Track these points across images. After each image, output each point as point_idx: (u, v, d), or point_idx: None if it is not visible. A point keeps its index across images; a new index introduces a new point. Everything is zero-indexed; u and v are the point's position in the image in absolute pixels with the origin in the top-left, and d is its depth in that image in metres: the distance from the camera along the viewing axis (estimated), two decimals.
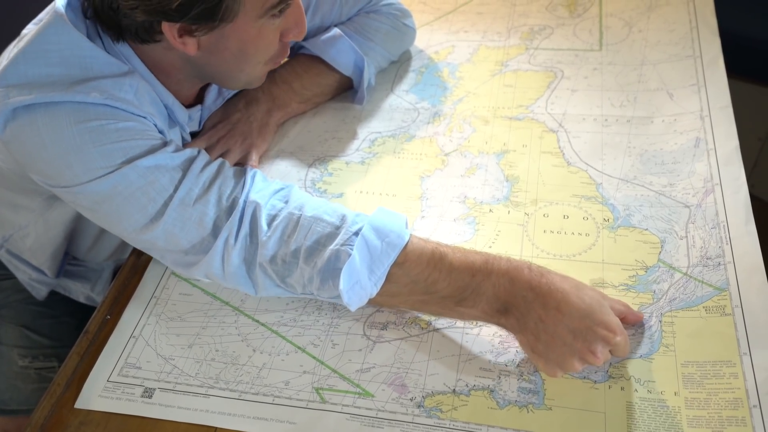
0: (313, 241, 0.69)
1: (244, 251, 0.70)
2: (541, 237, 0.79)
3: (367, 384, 0.67)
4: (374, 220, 0.70)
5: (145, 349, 0.73)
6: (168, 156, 0.71)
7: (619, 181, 0.85)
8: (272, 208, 0.71)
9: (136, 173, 0.69)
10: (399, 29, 1.03)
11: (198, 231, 0.70)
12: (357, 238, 0.67)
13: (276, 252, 0.69)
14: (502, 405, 0.64)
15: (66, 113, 0.68)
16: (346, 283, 0.66)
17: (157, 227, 0.70)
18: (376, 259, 0.67)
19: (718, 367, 0.64)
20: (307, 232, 0.69)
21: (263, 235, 0.69)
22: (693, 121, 0.90)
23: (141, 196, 0.69)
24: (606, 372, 0.66)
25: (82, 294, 0.99)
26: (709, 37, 1.03)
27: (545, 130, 0.93)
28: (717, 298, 0.70)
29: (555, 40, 1.09)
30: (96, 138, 0.68)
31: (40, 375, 0.98)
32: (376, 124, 0.98)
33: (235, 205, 0.71)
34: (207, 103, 0.88)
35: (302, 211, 0.71)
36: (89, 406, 0.68)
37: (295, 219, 0.70)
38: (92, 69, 0.70)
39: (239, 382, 0.69)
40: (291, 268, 0.69)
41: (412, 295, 0.68)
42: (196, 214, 0.70)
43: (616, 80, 1.00)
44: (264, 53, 0.76)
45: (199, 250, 0.71)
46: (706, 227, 0.77)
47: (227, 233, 0.70)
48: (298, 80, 0.97)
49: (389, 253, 0.67)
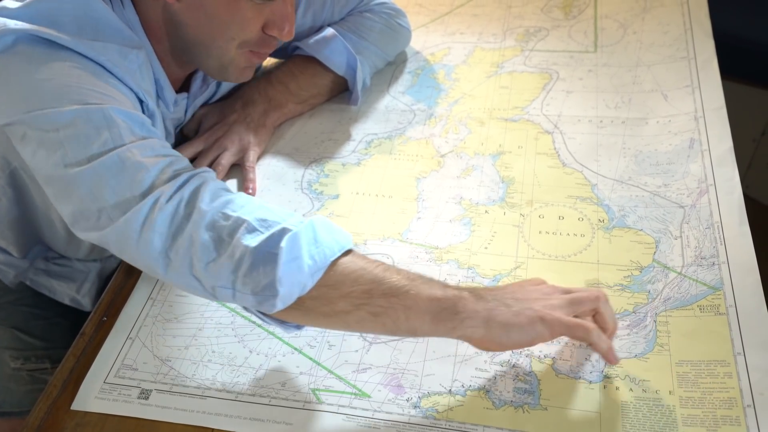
0: (257, 218, 0.63)
1: (172, 218, 0.63)
2: (537, 238, 0.80)
3: (364, 385, 0.67)
4: (325, 219, 0.66)
5: (142, 350, 0.73)
6: (141, 120, 0.68)
7: (614, 181, 0.85)
8: (219, 190, 0.67)
9: (101, 114, 0.65)
10: (393, 28, 1.03)
11: (130, 186, 0.64)
12: (305, 222, 0.64)
13: (213, 222, 0.63)
14: (497, 405, 0.64)
15: (62, 56, 0.66)
16: (286, 255, 0.61)
17: (90, 167, 0.64)
18: (320, 247, 0.62)
19: (712, 367, 0.65)
20: (253, 210, 0.64)
21: (204, 203, 0.64)
22: (687, 122, 0.91)
23: (93, 134, 0.65)
24: (601, 372, 0.66)
25: (67, 296, 0.97)
26: (703, 39, 1.03)
27: (540, 131, 0.94)
28: (711, 297, 0.70)
29: (550, 42, 1.09)
30: (79, 81, 0.66)
31: (33, 377, 0.98)
32: (372, 125, 0.98)
33: (178, 175, 0.66)
34: (193, 90, 0.87)
35: (251, 199, 0.67)
36: (86, 407, 0.68)
37: (243, 199, 0.66)
38: (104, 33, 0.69)
39: (236, 383, 0.69)
40: (222, 246, 0.62)
41: (349, 297, 0.62)
42: (136, 168, 0.64)
43: (611, 82, 1.00)
44: (238, 30, 0.74)
45: (122, 208, 0.64)
46: (701, 227, 0.77)
47: (159, 194, 0.64)
48: (294, 81, 0.97)
49: (333, 248, 0.63)
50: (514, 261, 0.77)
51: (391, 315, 0.61)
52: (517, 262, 0.77)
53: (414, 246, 0.80)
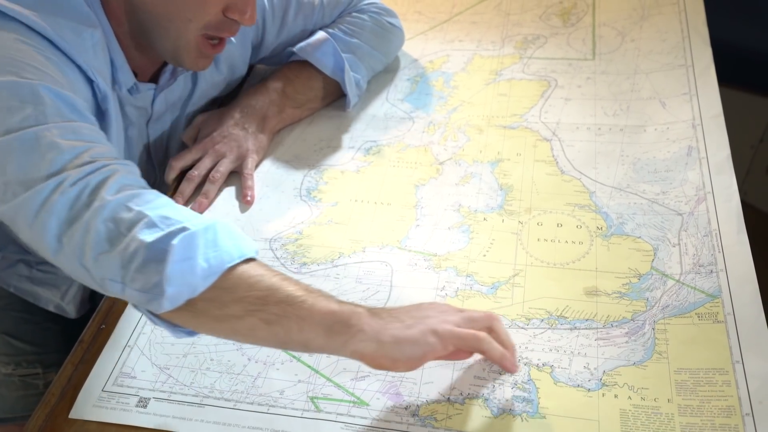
0: (160, 215, 0.62)
1: (72, 204, 0.62)
2: (535, 245, 0.80)
3: (362, 393, 0.67)
4: (230, 225, 0.65)
5: (140, 358, 0.73)
6: (73, 103, 0.66)
7: (613, 189, 0.85)
8: (129, 183, 0.65)
9: (30, 90, 0.64)
10: (383, 26, 1.03)
11: (38, 165, 0.62)
12: (207, 223, 0.62)
13: (114, 214, 0.61)
14: (496, 413, 0.64)
15: (10, 27, 0.66)
16: (178, 254, 0.59)
17: (5, 139, 0.63)
18: (218, 251, 0.61)
19: (710, 375, 0.65)
20: (158, 207, 0.63)
21: (108, 194, 0.62)
22: (685, 129, 0.91)
23: (16, 107, 0.63)
24: (599, 380, 0.66)
25: (51, 303, 0.97)
26: (701, 47, 1.04)
27: (539, 138, 0.94)
28: (709, 304, 0.70)
29: (549, 50, 1.10)
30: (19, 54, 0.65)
31: (24, 382, 0.97)
32: (371, 132, 0.98)
33: (91, 162, 0.64)
34: (161, 82, 0.86)
35: (160, 196, 0.65)
36: (84, 416, 0.68)
37: (151, 195, 0.64)
38: (62, 9, 0.69)
39: (234, 391, 0.69)
40: (117, 239, 0.61)
41: (243, 302, 0.60)
42: (50, 148, 0.63)
43: (609, 89, 1.01)
44: (197, 11, 0.74)
45: (26, 185, 0.62)
46: (699, 235, 0.77)
47: (65, 177, 0.62)
48: (290, 85, 0.97)
49: (233, 254, 0.61)
50: (512, 268, 0.77)
51: (284, 324, 0.59)
52: (515, 269, 0.77)
53: (413, 253, 0.80)
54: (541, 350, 0.69)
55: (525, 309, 0.73)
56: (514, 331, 0.71)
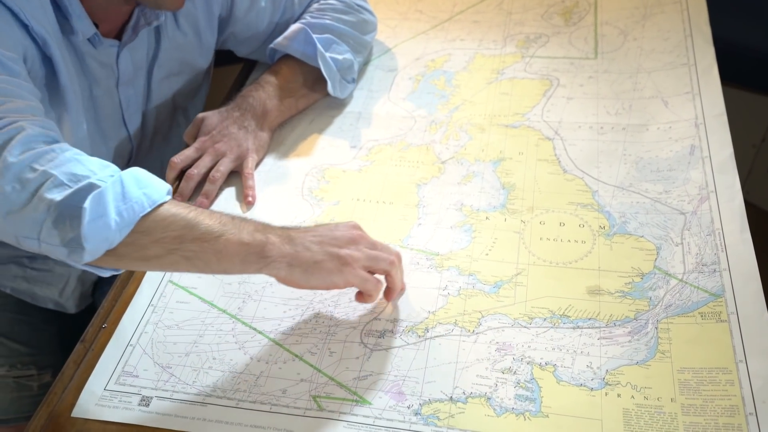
0: (66, 172, 0.62)
1: None
2: (538, 244, 0.80)
3: (365, 392, 0.67)
4: (137, 171, 0.66)
5: (143, 357, 0.73)
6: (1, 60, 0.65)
7: (615, 188, 0.85)
8: (34, 141, 0.64)
9: None
10: (351, 6, 1.04)
11: None
12: (113, 177, 0.64)
13: (18, 175, 0.62)
14: (499, 412, 0.64)
15: None
16: (90, 214, 0.61)
17: None
18: (128, 203, 0.63)
19: (714, 374, 0.65)
20: (62, 163, 0.63)
21: (12, 155, 0.62)
22: (688, 128, 0.91)
23: None
24: (602, 379, 0.66)
25: (50, 300, 0.97)
26: (703, 46, 1.03)
27: (541, 137, 0.94)
28: (712, 304, 0.70)
29: (550, 49, 1.10)
30: None
31: (19, 383, 0.97)
32: (373, 131, 0.98)
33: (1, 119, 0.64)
34: (124, 39, 0.85)
35: (66, 150, 0.65)
36: (86, 415, 0.68)
37: (56, 152, 0.64)
38: None
39: (236, 390, 0.69)
40: (26, 198, 0.61)
41: (161, 243, 0.64)
42: None
43: (612, 88, 1.00)
44: None
45: None
46: (702, 234, 0.77)
47: None
48: (279, 76, 0.99)
49: (143, 203, 0.63)
50: (515, 267, 0.77)
51: (202, 258, 0.64)
52: (518, 268, 0.77)
53: (415, 252, 0.80)
54: (543, 349, 0.69)
55: (528, 308, 0.73)
56: (517, 330, 0.71)
